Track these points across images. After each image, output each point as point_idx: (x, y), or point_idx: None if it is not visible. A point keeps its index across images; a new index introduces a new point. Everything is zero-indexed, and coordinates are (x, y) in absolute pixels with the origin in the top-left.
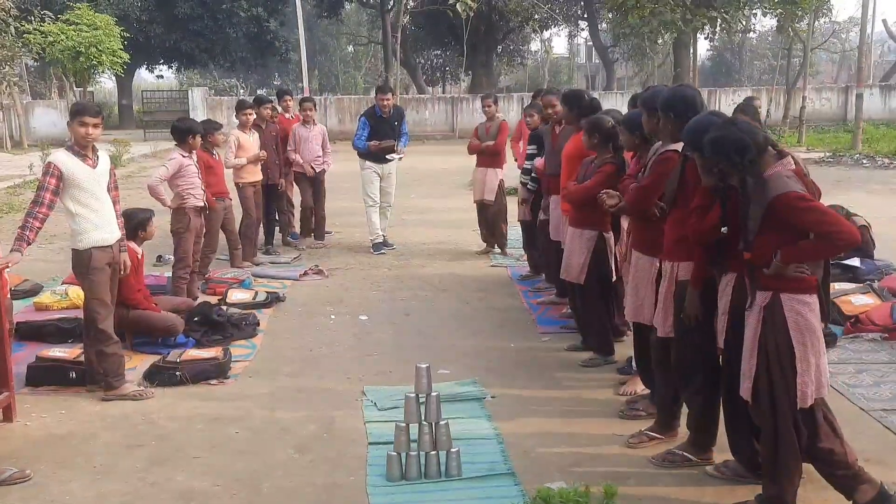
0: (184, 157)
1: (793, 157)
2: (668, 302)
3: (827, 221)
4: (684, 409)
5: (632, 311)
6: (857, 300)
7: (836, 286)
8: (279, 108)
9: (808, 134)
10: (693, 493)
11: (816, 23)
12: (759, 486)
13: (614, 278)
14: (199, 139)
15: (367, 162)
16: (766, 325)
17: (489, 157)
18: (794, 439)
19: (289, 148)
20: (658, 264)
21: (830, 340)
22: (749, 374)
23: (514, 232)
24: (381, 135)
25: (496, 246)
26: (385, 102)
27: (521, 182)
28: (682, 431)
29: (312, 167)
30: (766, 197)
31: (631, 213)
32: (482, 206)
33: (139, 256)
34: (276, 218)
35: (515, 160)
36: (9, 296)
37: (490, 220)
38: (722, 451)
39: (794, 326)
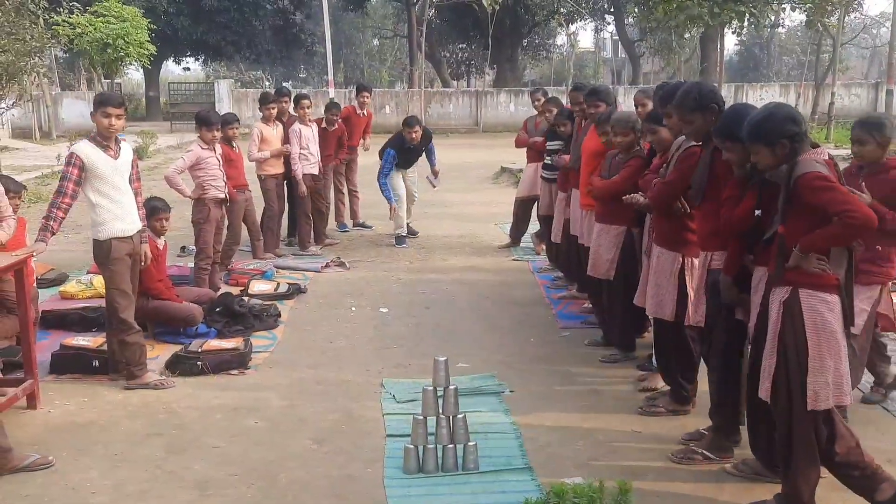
0: (203, 148)
1: (827, 152)
2: (699, 290)
3: (841, 201)
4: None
5: (653, 306)
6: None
7: None
8: (354, 103)
9: (837, 130)
10: (711, 491)
11: (847, 18)
12: (779, 486)
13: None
14: (215, 133)
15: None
16: (785, 322)
17: (539, 153)
18: (812, 438)
19: (301, 149)
20: (681, 260)
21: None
22: (769, 373)
23: (534, 226)
24: (408, 161)
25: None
26: (413, 135)
27: (541, 177)
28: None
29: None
30: (793, 177)
31: (654, 209)
32: (525, 203)
33: (159, 247)
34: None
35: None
36: (35, 285)
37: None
38: (741, 449)
39: (810, 324)
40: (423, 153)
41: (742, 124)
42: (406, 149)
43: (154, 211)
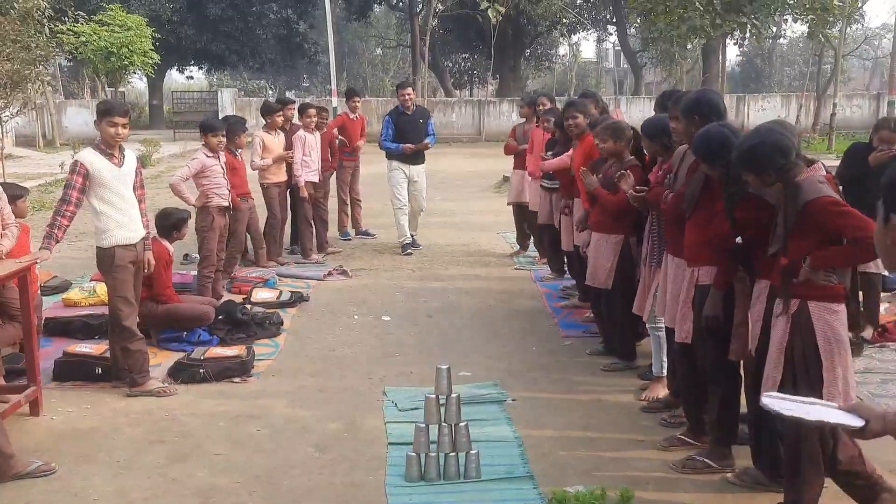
0: (207, 156)
1: (822, 165)
2: (686, 306)
3: (861, 226)
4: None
5: (671, 317)
6: (884, 309)
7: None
8: (336, 109)
9: (839, 141)
10: (713, 500)
11: (848, 29)
12: (780, 495)
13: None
14: (220, 138)
15: (394, 162)
16: (794, 334)
17: (525, 160)
18: (818, 447)
19: (303, 156)
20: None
21: (857, 349)
22: (773, 383)
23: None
24: (406, 133)
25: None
26: (406, 97)
27: (541, 186)
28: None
29: (313, 186)
30: (799, 201)
31: (669, 222)
32: (519, 208)
33: (170, 253)
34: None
35: (529, 174)
36: (38, 292)
37: (532, 222)
38: (743, 459)
39: (821, 335)
40: (423, 136)
41: (712, 147)
42: (401, 114)
43: (178, 224)
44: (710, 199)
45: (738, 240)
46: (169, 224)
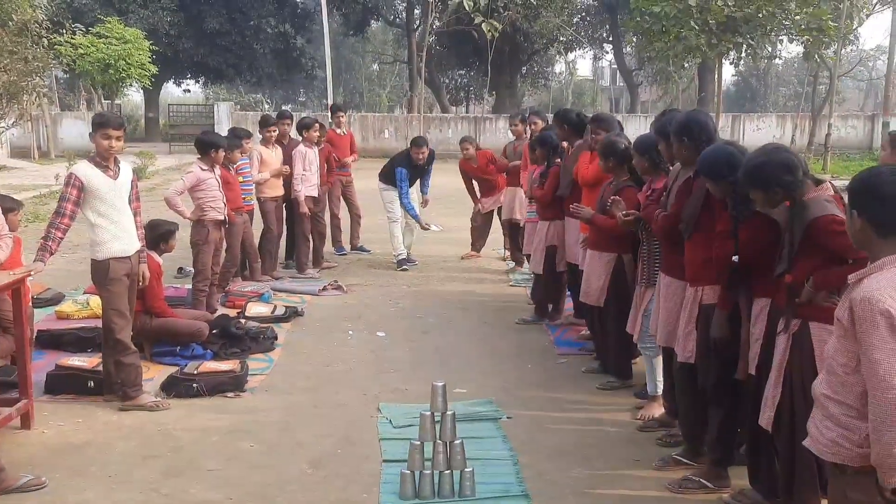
0: (203, 170)
1: (831, 184)
2: (689, 326)
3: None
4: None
5: (664, 336)
6: None
7: None
8: (331, 124)
9: (833, 161)
10: None
11: (843, 50)
12: None
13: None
14: (221, 154)
15: (389, 185)
16: (794, 354)
17: (517, 177)
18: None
19: (303, 170)
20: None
21: None
22: (772, 403)
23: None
24: (413, 178)
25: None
26: (420, 156)
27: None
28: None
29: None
30: (804, 220)
31: (661, 241)
32: (511, 225)
33: (160, 265)
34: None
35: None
36: (30, 304)
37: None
38: (740, 479)
39: (819, 356)
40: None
41: (719, 164)
42: (413, 166)
43: (165, 236)
44: (709, 219)
45: (735, 258)
46: (156, 236)
